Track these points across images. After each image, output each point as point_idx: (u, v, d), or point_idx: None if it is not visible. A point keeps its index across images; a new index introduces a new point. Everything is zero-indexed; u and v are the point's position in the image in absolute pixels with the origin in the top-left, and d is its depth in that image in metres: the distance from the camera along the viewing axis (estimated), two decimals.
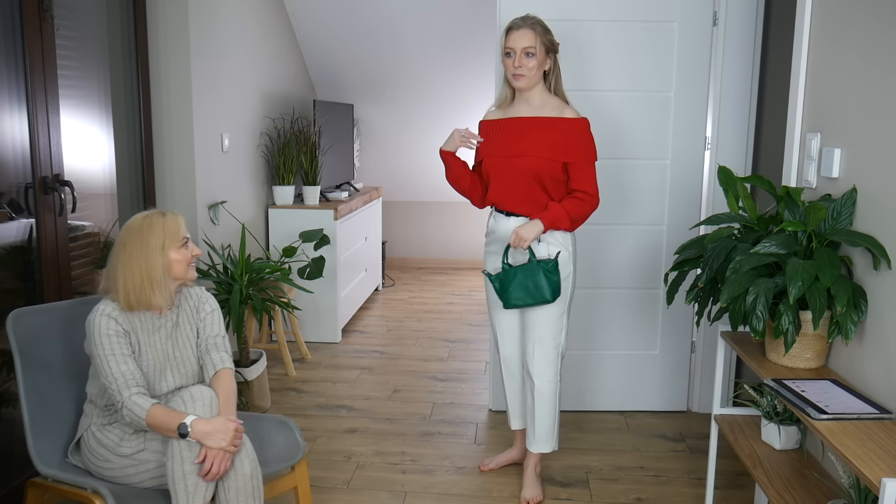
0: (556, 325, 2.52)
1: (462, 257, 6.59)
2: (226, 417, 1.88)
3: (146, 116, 3.20)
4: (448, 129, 5.84)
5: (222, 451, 1.82)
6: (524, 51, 2.39)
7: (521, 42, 2.39)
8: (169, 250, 1.94)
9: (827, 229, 1.93)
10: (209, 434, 1.81)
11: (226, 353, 2.07)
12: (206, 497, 1.82)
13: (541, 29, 2.41)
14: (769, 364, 2.00)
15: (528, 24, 2.40)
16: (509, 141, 2.47)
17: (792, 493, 1.87)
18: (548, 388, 2.56)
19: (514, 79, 2.44)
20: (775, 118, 2.98)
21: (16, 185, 2.38)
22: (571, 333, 3.32)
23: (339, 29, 5.00)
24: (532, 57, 2.40)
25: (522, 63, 2.40)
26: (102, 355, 1.87)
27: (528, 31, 2.39)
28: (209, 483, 1.82)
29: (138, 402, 1.84)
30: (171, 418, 1.82)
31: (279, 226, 4.31)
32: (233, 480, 1.86)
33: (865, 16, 1.89)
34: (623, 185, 3.19)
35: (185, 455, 1.80)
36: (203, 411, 1.86)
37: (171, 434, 1.81)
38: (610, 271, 3.27)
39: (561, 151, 2.43)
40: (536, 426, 2.60)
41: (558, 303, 2.50)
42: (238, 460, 1.87)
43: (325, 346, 4.30)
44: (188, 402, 1.86)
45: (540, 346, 2.53)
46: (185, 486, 1.79)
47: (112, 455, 1.91)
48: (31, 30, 2.39)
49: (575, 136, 2.44)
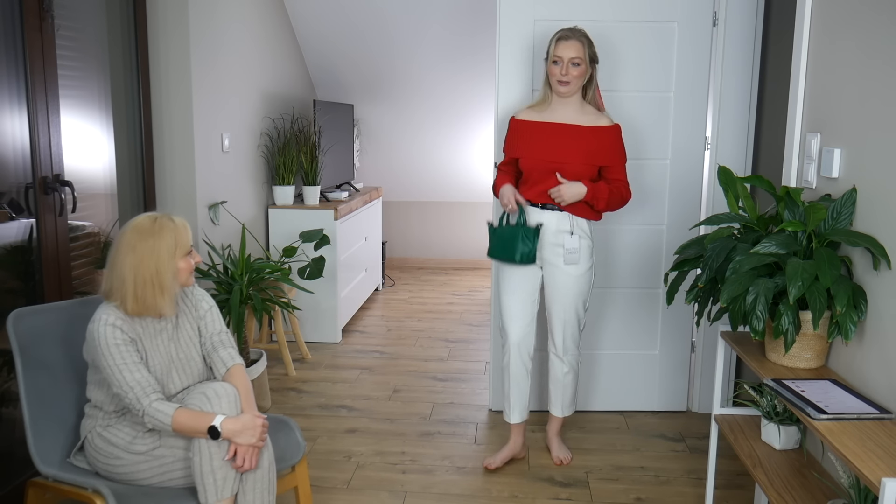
0: (580, 309, 2.75)
1: (462, 257, 6.59)
2: (252, 414, 1.90)
3: (146, 116, 3.20)
4: (448, 129, 5.85)
5: (252, 447, 1.85)
6: (571, 60, 2.55)
7: (569, 52, 2.55)
8: (178, 258, 1.94)
9: (827, 229, 1.93)
10: (239, 432, 1.83)
11: (233, 349, 2.08)
12: (234, 490, 1.85)
13: (587, 42, 2.59)
14: (769, 364, 2.00)
15: (577, 36, 2.57)
16: (550, 147, 2.63)
17: (792, 493, 1.87)
18: (575, 364, 2.84)
19: (560, 85, 2.60)
20: (775, 118, 2.98)
21: (16, 185, 2.38)
22: None
23: (339, 29, 5.00)
24: (578, 67, 2.56)
25: (569, 72, 2.56)
26: (114, 366, 1.85)
27: (577, 42, 2.55)
28: (236, 476, 1.85)
29: (160, 408, 1.83)
30: (200, 420, 1.82)
31: (279, 226, 4.31)
32: (251, 473, 1.89)
33: (865, 16, 1.90)
34: None
35: (214, 451, 1.82)
36: (229, 409, 1.87)
37: (201, 435, 1.82)
38: (610, 271, 3.27)
39: (598, 157, 2.64)
40: (563, 396, 2.87)
41: (584, 290, 2.73)
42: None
43: (325, 346, 4.31)
44: (213, 400, 1.86)
45: (569, 328, 2.76)
46: (215, 481, 1.81)
47: (124, 453, 1.90)
48: (31, 30, 2.39)
49: (611, 141, 2.65)
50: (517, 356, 2.78)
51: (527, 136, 2.67)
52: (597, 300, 3.30)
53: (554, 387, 2.86)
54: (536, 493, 2.64)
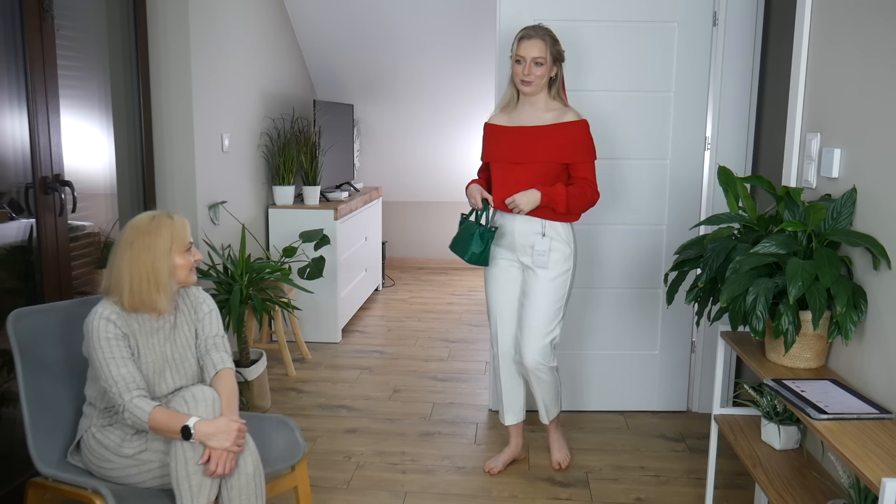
0: (550, 317, 2.62)
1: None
2: (229, 417, 1.88)
3: (146, 116, 3.20)
4: (447, 129, 5.85)
5: (226, 452, 1.82)
6: (534, 60, 2.51)
7: (531, 52, 2.50)
8: (175, 255, 1.94)
9: (827, 229, 1.93)
10: (212, 435, 1.81)
11: (226, 353, 2.07)
12: (211, 497, 1.82)
13: (550, 40, 2.53)
14: (769, 364, 2.00)
15: (539, 34, 2.52)
16: (515, 149, 2.59)
17: (792, 493, 1.87)
18: (544, 374, 2.68)
19: (522, 85, 2.56)
20: (775, 118, 2.98)
21: (16, 185, 2.38)
22: (572, 333, 3.31)
23: (339, 29, 5.00)
24: (541, 66, 2.52)
25: (531, 71, 2.52)
26: (102, 359, 1.86)
27: (539, 41, 2.51)
28: (213, 483, 1.83)
29: (140, 404, 1.83)
30: (174, 420, 1.81)
31: (279, 226, 4.31)
32: (236, 479, 1.86)
33: (865, 16, 1.90)
34: (623, 185, 3.19)
35: (189, 455, 1.80)
36: (205, 412, 1.86)
37: (175, 436, 1.81)
38: (610, 271, 3.27)
39: (563, 153, 2.57)
40: (543, 401, 2.77)
41: (554, 297, 2.62)
42: (241, 459, 1.88)
43: (325, 346, 4.31)
44: (190, 403, 1.85)
45: (534, 336, 2.62)
46: (190, 486, 1.80)
47: (113, 455, 1.91)
48: (31, 30, 2.39)
49: (576, 137, 2.57)
50: (507, 359, 2.77)
51: (494, 141, 2.64)
52: (597, 300, 3.30)
53: (533, 393, 2.78)
54: (536, 494, 2.64)
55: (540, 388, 2.72)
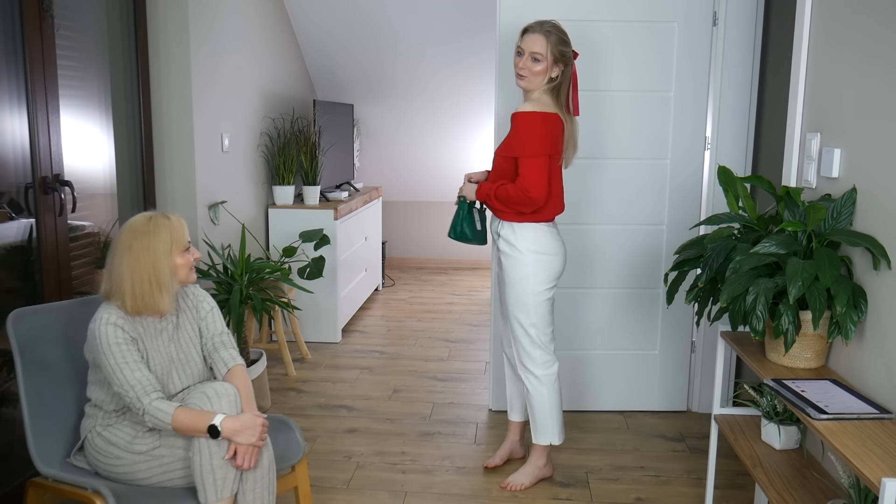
0: (523, 322, 2.56)
1: (462, 257, 6.59)
2: (252, 413, 1.90)
3: (146, 116, 3.20)
4: (447, 129, 5.85)
5: (251, 447, 1.85)
6: (532, 55, 2.42)
7: (531, 46, 2.42)
8: (175, 254, 1.95)
9: (827, 229, 1.93)
10: (239, 431, 1.84)
11: (234, 350, 2.09)
12: (234, 489, 1.85)
13: (555, 38, 2.41)
14: (769, 364, 2.00)
15: (542, 30, 2.41)
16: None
17: (792, 493, 1.87)
18: (532, 385, 2.61)
19: (516, 77, 2.50)
20: (775, 118, 2.98)
21: (16, 185, 2.38)
22: (572, 333, 3.31)
23: (339, 29, 5.00)
24: (538, 62, 2.42)
25: (527, 66, 2.43)
26: (115, 364, 1.85)
27: (541, 37, 2.40)
28: (236, 476, 1.86)
29: (161, 407, 1.84)
30: (199, 419, 1.82)
31: (279, 226, 4.31)
32: (251, 472, 1.89)
33: (865, 16, 1.90)
34: (623, 185, 3.19)
35: (214, 450, 1.82)
36: (229, 408, 1.87)
37: (200, 434, 1.82)
38: (610, 271, 3.27)
39: (503, 147, 2.51)
40: (530, 417, 2.68)
41: (515, 301, 2.55)
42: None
43: (325, 346, 4.31)
44: (213, 399, 1.86)
45: (517, 339, 2.61)
46: (214, 480, 1.82)
47: (124, 452, 1.90)
48: (31, 30, 2.39)
49: (515, 129, 2.44)
50: (510, 360, 2.78)
51: None
52: (596, 300, 3.30)
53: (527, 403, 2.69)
54: (536, 493, 2.64)
55: (527, 400, 2.65)
